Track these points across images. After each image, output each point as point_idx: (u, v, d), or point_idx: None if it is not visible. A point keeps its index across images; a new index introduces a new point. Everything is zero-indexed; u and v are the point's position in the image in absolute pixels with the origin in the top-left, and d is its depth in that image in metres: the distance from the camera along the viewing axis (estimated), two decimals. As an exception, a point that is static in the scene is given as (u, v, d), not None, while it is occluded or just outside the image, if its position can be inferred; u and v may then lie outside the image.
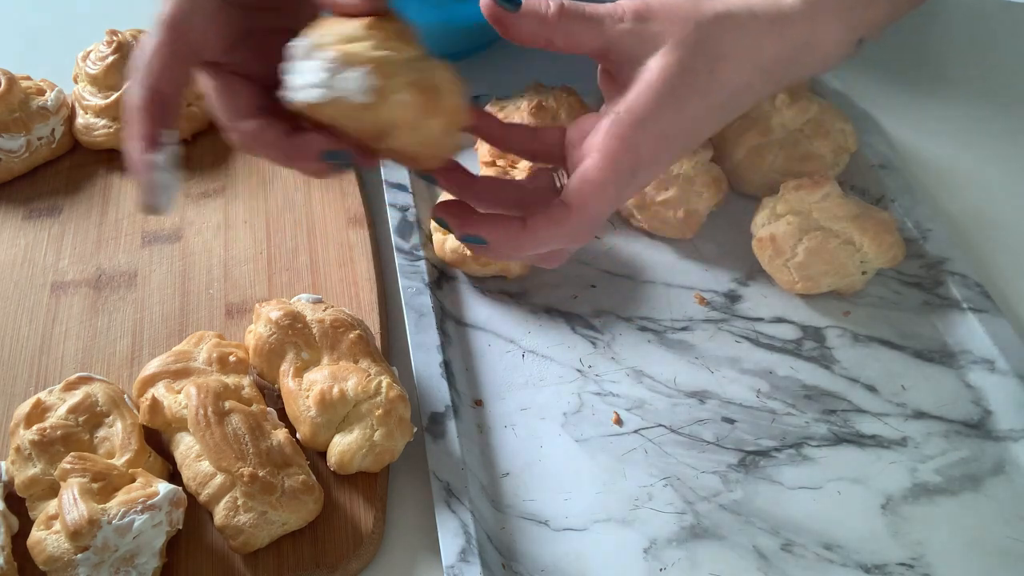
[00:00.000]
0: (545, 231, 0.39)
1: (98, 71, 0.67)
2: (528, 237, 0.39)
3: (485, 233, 0.39)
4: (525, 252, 0.40)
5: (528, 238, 0.39)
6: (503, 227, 0.39)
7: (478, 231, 0.39)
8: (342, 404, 0.49)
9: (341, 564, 0.47)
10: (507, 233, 0.39)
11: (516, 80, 0.69)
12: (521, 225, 0.39)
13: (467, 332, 0.58)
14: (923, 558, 0.48)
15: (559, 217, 0.39)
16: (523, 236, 0.39)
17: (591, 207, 0.39)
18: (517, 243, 0.39)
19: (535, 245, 0.39)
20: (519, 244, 0.39)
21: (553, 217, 0.39)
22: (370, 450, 0.48)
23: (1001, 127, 0.72)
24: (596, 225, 0.40)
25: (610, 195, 0.39)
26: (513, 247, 0.40)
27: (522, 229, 0.39)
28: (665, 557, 0.48)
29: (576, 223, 0.39)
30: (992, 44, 0.80)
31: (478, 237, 0.39)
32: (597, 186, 0.38)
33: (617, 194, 0.39)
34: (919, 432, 0.53)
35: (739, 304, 0.60)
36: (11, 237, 0.63)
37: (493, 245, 0.40)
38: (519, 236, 0.39)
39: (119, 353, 0.56)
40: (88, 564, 0.43)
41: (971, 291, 0.58)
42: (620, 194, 0.39)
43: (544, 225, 0.39)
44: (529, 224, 0.39)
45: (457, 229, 0.40)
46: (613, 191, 0.39)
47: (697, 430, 0.53)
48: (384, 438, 0.48)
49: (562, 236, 0.39)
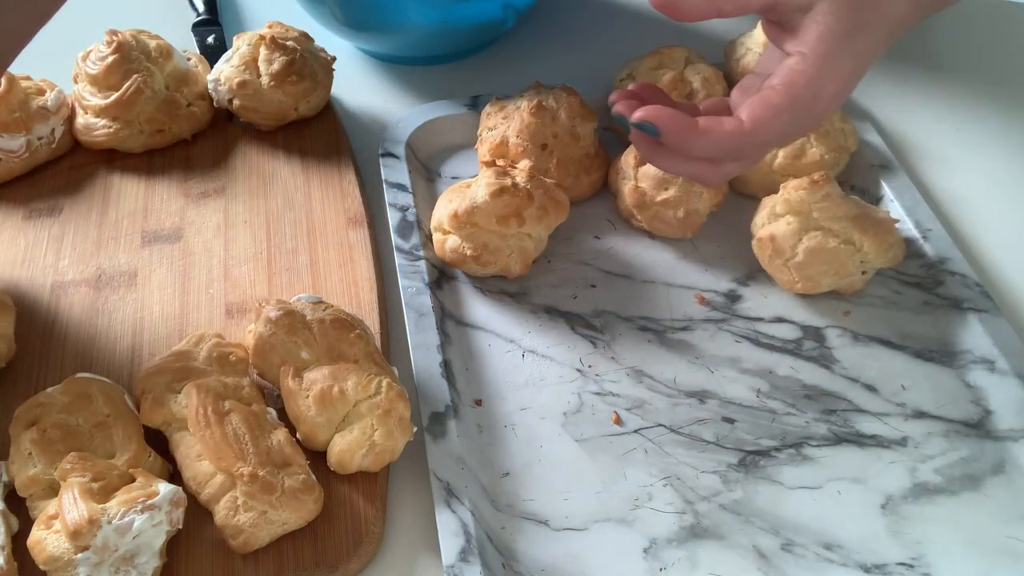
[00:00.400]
0: (716, 137, 0.41)
1: (98, 71, 0.67)
2: (699, 137, 0.41)
3: (661, 122, 0.41)
4: (692, 150, 0.42)
5: (699, 138, 0.41)
6: (679, 121, 0.42)
7: (655, 118, 0.42)
8: (342, 404, 0.49)
9: (341, 564, 0.47)
10: (682, 126, 0.41)
11: (516, 80, 0.70)
12: (694, 123, 0.41)
13: (467, 332, 0.58)
14: (923, 558, 0.48)
15: (732, 128, 0.41)
16: (694, 134, 0.41)
17: (763, 128, 0.41)
18: (687, 139, 0.42)
19: (703, 147, 0.42)
20: (688, 141, 0.42)
21: (726, 126, 0.41)
22: (370, 450, 0.48)
23: (1002, 127, 0.72)
24: (765, 148, 0.44)
25: (783, 122, 0.41)
26: (682, 142, 0.42)
27: (694, 128, 0.41)
28: (665, 557, 0.48)
29: (746, 137, 0.41)
30: (993, 44, 0.80)
31: (653, 125, 0.42)
32: (773, 109, 0.41)
33: (791, 123, 0.42)
34: (919, 432, 0.53)
35: (739, 304, 0.60)
36: (11, 237, 0.63)
37: (665, 136, 0.42)
38: (691, 133, 0.41)
39: (119, 353, 0.56)
40: (88, 564, 0.43)
41: (971, 291, 0.58)
42: (794, 124, 0.42)
43: (716, 130, 0.41)
44: (703, 126, 0.41)
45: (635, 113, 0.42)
46: (787, 119, 0.41)
47: (697, 430, 0.53)
48: (384, 438, 0.48)
49: (729, 146, 0.42)
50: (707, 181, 0.46)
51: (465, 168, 0.68)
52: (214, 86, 0.69)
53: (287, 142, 0.70)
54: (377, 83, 0.77)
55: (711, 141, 0.42)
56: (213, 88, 0.69)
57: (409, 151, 0.67)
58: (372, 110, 0.75)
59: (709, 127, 0.42)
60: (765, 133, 0.42)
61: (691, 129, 0.42)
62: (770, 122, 0.42)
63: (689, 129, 0.42)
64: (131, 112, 0.66)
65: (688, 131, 0.42)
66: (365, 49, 0.79)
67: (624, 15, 0.83)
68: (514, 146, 0.63)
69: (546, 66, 0.78)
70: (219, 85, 0.68)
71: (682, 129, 0.42)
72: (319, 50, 0.72)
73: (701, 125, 0.42)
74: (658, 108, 0.42)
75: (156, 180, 0.67)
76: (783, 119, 0.42)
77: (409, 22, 0.71)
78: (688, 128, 0.42)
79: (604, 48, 0.79)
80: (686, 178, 0.54)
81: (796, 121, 0.42)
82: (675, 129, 0.42)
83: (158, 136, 0.68)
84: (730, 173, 0.46)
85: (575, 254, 0.62)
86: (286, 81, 0.67)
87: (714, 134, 0.42)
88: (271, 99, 0.68)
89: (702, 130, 0.42)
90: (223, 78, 0.68)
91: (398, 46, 0.76)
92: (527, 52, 0.79)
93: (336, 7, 0.71)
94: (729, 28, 0.70)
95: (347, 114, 0.74)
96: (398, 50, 0.77)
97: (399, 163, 0.66)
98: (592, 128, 0.64)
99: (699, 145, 0.42)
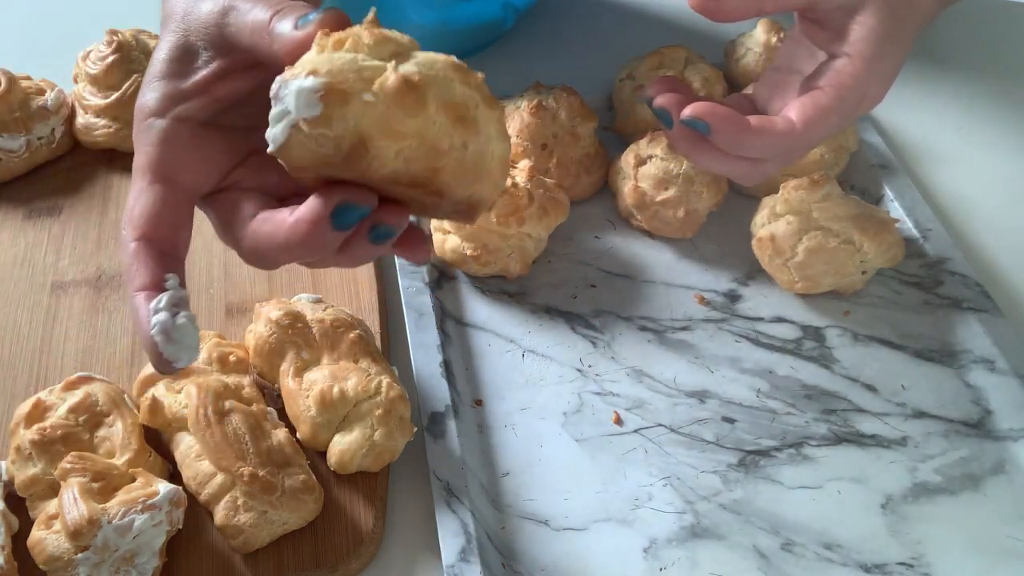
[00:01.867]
0: (770, 136, 0.41)
1: (98, 71, 0.67)
2: (752, 136, 0.41)
3: (713, 120, 0.41)
4: (743, 149, 0.42)
5: (752, 137, 0.41)
6: (731, 119, 0.41)
7: (707, 115, 0.41)
8: (342, 404, 0.49)
9: (341, 564, 0.47)
10: (734, 125, 0.41)
11: (516, 80, 0.69)
12: (747, 123, 0.41)
13: (467, 332, 0.58)
14: (923, 558, 0.48)
15: (786, 128, 0.41)
16: (746, 133, 0.41)
17: (814, 129, 0.41)
18: (739, 139, 0.41)
19: (754, 146, 0.42)
20: (740, 141, 0.41)
21: (780, 126, 0.41)
22: (370, 450, 0.48)
23: (1002, 127, 0.72)
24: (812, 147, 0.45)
25: (833, 122, 0.42)
26: (734, 141, 0.41)
27: (748, 127, 0.41)
28: (665, 557, 0.48)
29: (798, 139, 0.41)
30: (993, 44, 0.80)
31: (704, 122, 0.41)
32: (824, 111, 0.41)
33: (839, 122, 0.42)
34: (919, 432, 0.53)
35: (739, 304, 0.60)
36: (11, 237, 0.63)
37: (715, 135, 0.41)
38: (743, 132, 0.41)
39: (119, 353, 0.56)
40: (88, 564, 0.43)
41: (971, 291, 0.58)
42: (841, 123, 0.43)
43: (770, 130, 0.41)
44: (755, 125, 0.41)
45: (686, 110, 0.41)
46: (836, 119, 0.42)
47: (697, 430, 0.53)
48: (384, 438, 0.48)
49: (780, 146, 0.42)
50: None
51: (465, 168, 0.68)
52: (214, 86, 0.69)
53: (287, 142, 0.69)
54: (377, 83, 0.77)
55: (763, 141, 0.41)
56: (213, 88, 0.69)
57: (409, 151, 0.67)
58: (372, 110, 0.75)
59: (762, 127, 0.41)
60: (815, 134, 0.42)
61: (745, 129, 0.41)
62: (821, 123, 0.42)
63: (743, 129, 0.41)
64: (131, 112, 0.66)
65: (741, 131, 0.41)
66: (365, 49, 0.79)
67: (624, 15, 0.83)
68: (514, 146, 0.63)
69: (546, 66, 0.78)
70: (219, 85, 0.68)
71: (735, 129, 0.41)
72: (319, 50, 0.72)
73: (754, 125, 0.41)
74: (711, 105, 0.41)
75: (156, 180, 0.67)
76: (832, 120, 0.42)
77: (409, 22, 0.71)
78: (742, 128, 0.41)
79: (604, 48, 0.79)
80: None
81: (842, 122, 0.43)
82: (727, 128, 0.41)
83: (158, 136, 0.68)
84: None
85: (575, 254, 0.62)
86: (286, 81, 0.67)
87: (767, 134, 0.41)
88: (271, 99, 0.68)
89: (755, 130, 0.41)
90: (223, 78, 0.68)
91: (398, 46, 0.76)
92: (527, 52, 0.79)
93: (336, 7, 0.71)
94: (729, 28, 0.70)
95: (347, 114, 0.74)
96: (398, 50, 0.77)
97: (399, 163, 0.66)
98: (592, 128, 0.64)
99: (750, 144, 0.42)
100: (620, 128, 0.68)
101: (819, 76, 0.43)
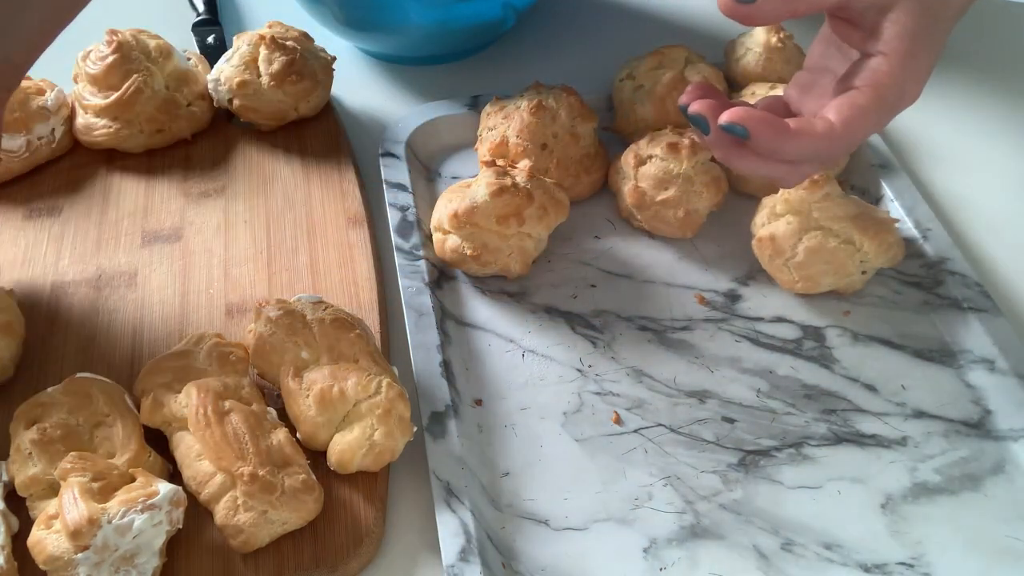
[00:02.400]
0: (809, 139, 0.41)
1: (98, 71, 0.67)
2: (791, 139, 0.41)
3: (752, 125, 0.41)
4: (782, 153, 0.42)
5: (791, 140, 0.41)
6: (770, 123, 0.41)
7: (745, 121, 0.41)
8: (342, 403, 0.49)
9: (341, 563, 0.47)
10: (773, 129, 0.41)
11: (516, 80, 0.70)
12: (786, 126, 0.41)
13: (467, 332, 0.58)
14: (923, 557, 0.48)
15: (825, 130, 0.41)
16: (786, 137, 0.41)
17: (854, 130, 0.41)
18: (778, 142, 0.41)
19: (794, 150, 0.41)
20: (780, 144, 0.41)
21: (819, 127, 0.41)
22: (370, 449, 0.48)
23: (1002, 127, 0.73)
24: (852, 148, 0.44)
25: (872, 122, 0.42)
26: (773, 145, 0.41)
27: (787, 130, 0.41)
28: (665, 557, 0.48)
29: (838, 140, 0.41)
30: (993, 44, 0.80)
31: (743, 128, 0.41)
32: (862, 110, 0.41)
33: (877, 122, 0.42)
34: (919, 432, 0.53)
35: (739, 304, 0.60)
36: (11, 237, 0.63)
37: (754, 139, 0.41)
38: (783, 136, 0.41)
39: (119, 353, 0.56)
40: (88, 563, 0.43)
41: (971, 291, 0.58)
42: (879, 122, 0.42)
43: (810, 132, 0.41)
44: (795, 128, 0.41)
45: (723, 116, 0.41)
46: (875, 119, 0.42)
47: (697, 430, 0.53)
48: (384, 437, 0.48)
49: (821, 148, 0.41)
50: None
51: (465, 168, 0.68)
52: (214, 86, 0.69)
53: (287, 142, 0.70)
54: (377, 83, 0.77)
55: (803, 144, 0.41)
56: (213, 88, 0.69)
57: (409, 151, 0.67)
58: (372, 110, 0.75)
59: (801, 129, 0.41)
60: (855, 134, 0.42)
61: (784, 132, 0.41)
62: (860, 123, 0.41)
63: (782, 132, 0.41)
64: (131, 112, 0.66)
65: (781, 134, 0.41)
66: (365, 49, 0.79)
67: (624, 15, 0.83)
68: (514, 146, 0.63)
69: (546, 66, 0.78)
70: (219, 85, 0.68)
71: (774, 133, 0.41)
72: (319, 50, 0.72)
73: (793, 127, 0.41)
74: (748, 111, 0.41)
75: (156, 180, 0.67)
76: (871, 119, 0.42)
77: (409, 22, 0.71)
78: (781, 131, 0.41)
79: (604, 48, 0.79)
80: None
81: (882, 121, 0.42)
82: (766, 132, 0.41)
83: (158, 136, 0.68)
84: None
85: (575, 254, 0.62)
86: (286, 81, 0.67)
87: (807, 137, 0.41)
88: (271, 99, 0.68)
89: (794, 132, 0.41)
90: (223, 78, 0.68)
91: (398, 46, 0.76)
92: (527, 52, 0.79)
93: (336, 7, 0.71)
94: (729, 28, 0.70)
95: (347, 114, 0.74)
96: (398, 50, 0.77)
97: (399, 163, 0.66)
98: (592, 128, 0.64)
99: (790, 148, 0.41)
100: (620, 128, 0.68)
101: (854, 75, 0.42)
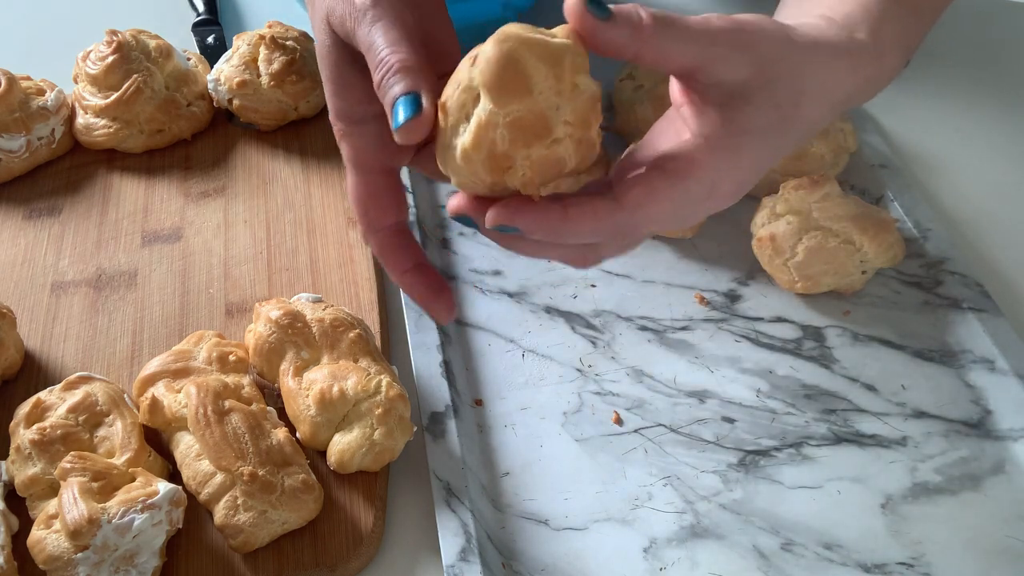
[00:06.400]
0: (591, 223, 0.36)
1: (98, 71, 0.67)
2: (568, 225, 0.36)
3: (520, 222, 0.36)
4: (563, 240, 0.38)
5: (568, 226, 0.36)
6: (540, 214, 0.36)
7: (512, 220, 0.36)
8: (342, 403, 0.49)
9: (341, 563, 0.47)
10: (546, 221, 0.36)
11: (516, 80, 0.69)
12: (561, 214, 0.36)
13: (467, 332, 0.58)
14: (923, 557, 0.48)
15: (607, 212, 0.36)
16: (562, 224, 0.36)
17: (644, 214, 0.36)
18: (555, 233, 0.37)
19: (574, 236, 0.37)
20: (557, 234, 0.37)
21: (599, 209, 0.36)
22: (370, 449, 0.48)
23: (1001, 127, 0.72)
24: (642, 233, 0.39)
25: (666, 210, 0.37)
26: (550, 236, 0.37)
27: (562, 218, 0.36)
28: (665, 557, 0.48)
29: (623, 223, 0.37)
30: (993, 44, 0.80)
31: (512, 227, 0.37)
32: (657, 197, 0.36)
33: (674, 212, 0.37)
34: (919, 431, 0.53)
35: (739, 304, 0.60)
36: (11, 237, 0.63)
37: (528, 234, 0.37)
38: (559, 224, 0.36)
39: (119, 353, 0.56)
40: (88, 563, 0.43)
41: (971, 291, 0.58)
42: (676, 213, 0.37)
43: (590, 216, 0.36)
44: (572, 215, 0.36)
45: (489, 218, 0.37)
46: (670, 208, 0.37)
47: (697, 430, 0.53)
48: (384, 437, 0.48)
49: (603, 231, 0.37)
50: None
51: (465, 168, 0.68)
52: (214, 86, 0.69)
53: (287, 142, 0.70)
54: (377, 83, 0.77)
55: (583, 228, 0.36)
56: (213, 88, 0.69)
57: (409, 151, 0.67)
58: (372, 110, 0.75)
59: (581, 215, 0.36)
60: (644, 218, 0.37)
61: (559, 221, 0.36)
62: (651, 208, 0.36)
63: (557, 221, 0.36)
64: (131, 112, 0.66)
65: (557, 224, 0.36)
66: (365, 49, 0.79)
67: (624, 15, 0.83)
68: (514, 146, 0.62)
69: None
70: (219, 85, 0.68)
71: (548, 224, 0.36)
72: (319, 50, 0.72)
73: (570, 214, 0.36)
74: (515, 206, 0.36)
75: (156, 180, 0.67)
76: (665, 208, 0.37)
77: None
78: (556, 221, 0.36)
79: (604, 48, 0.79)
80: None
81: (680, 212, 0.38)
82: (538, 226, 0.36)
83: (158, 136, 0.68)
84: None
85: (575, 254, 0.62)
86: (286, 81, 0.67)
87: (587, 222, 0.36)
88: (271, 99, 0.68)
89: (572, 218, 0.36)
90: (223, 78, 0.68)
91: (398, 46, 0.76)
92: (527, 52, 0.79)
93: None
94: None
95: (347, 114, 0.74)
96: (398, 50, 0.77)
97: (399, 163, 0.66)
98: (592, 128, 0.64)
99: (569, 234, 0.37)
100: (620, 128, 0.68)
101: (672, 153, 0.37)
